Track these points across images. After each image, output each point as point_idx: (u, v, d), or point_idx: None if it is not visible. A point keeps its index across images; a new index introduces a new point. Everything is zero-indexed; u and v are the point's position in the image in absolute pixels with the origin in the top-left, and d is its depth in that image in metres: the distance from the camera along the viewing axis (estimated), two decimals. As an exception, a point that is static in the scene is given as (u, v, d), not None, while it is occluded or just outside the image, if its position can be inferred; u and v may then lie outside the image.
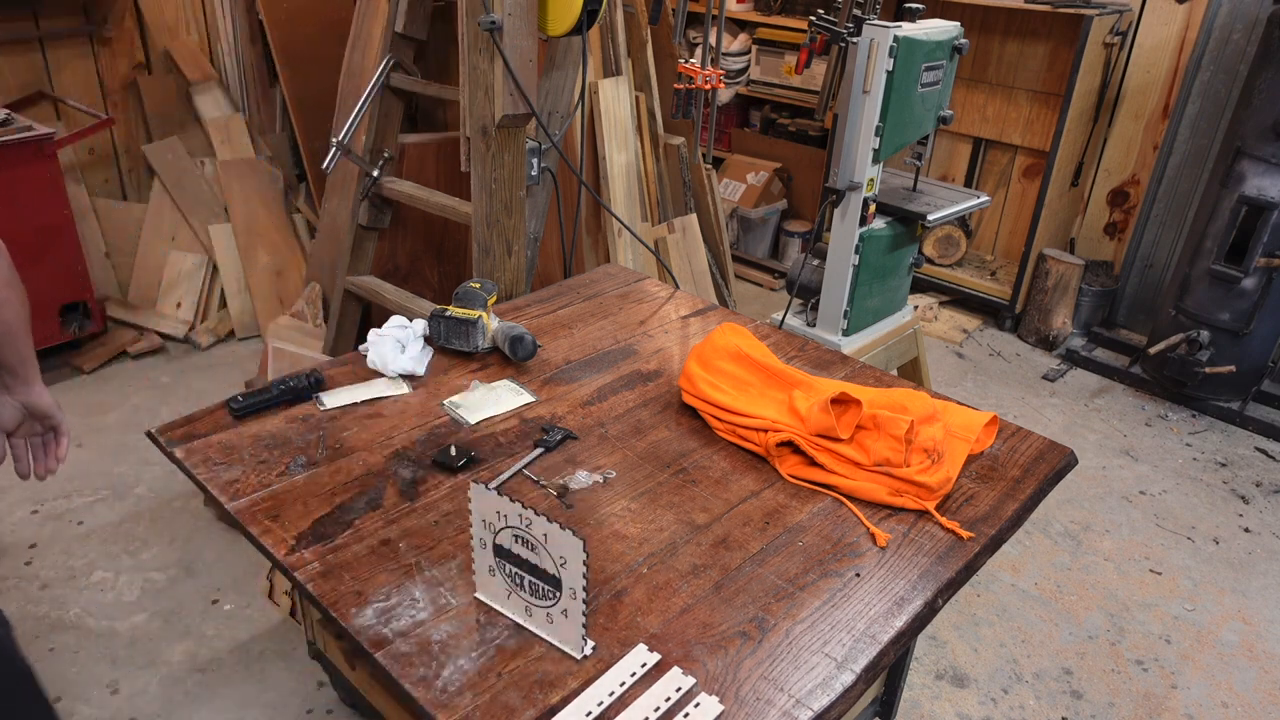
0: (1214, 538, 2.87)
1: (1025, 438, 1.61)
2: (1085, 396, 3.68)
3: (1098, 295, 4.09)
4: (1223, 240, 3.34)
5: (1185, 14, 3.76)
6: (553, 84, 2.54)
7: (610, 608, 1.17)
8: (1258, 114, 3.21)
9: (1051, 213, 4.01)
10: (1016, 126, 4.25)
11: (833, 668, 1.10)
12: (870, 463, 1.42)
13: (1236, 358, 3.41)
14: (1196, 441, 3.41)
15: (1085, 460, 3.22)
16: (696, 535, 1.32)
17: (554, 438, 1.51)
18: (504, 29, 2.06)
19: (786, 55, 4.66)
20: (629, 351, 1.83)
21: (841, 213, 2.60)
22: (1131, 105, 3.99)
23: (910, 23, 2.46)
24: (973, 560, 1.30)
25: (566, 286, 2.13)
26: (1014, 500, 1.43)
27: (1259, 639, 2.48)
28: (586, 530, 1.31)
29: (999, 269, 4.42)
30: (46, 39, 3.41)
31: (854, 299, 2.68)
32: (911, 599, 1.22)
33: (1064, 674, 2.32)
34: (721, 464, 1.49)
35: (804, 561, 1.28)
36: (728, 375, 1.62)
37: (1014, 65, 4.16)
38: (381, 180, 2.67)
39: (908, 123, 2.51)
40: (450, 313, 1.74)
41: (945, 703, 2.22)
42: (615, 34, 3.05)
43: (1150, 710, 2.24)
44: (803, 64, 3.16)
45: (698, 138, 3.43)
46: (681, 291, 2.15)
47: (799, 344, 1.90)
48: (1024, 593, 2.59)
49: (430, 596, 1.17)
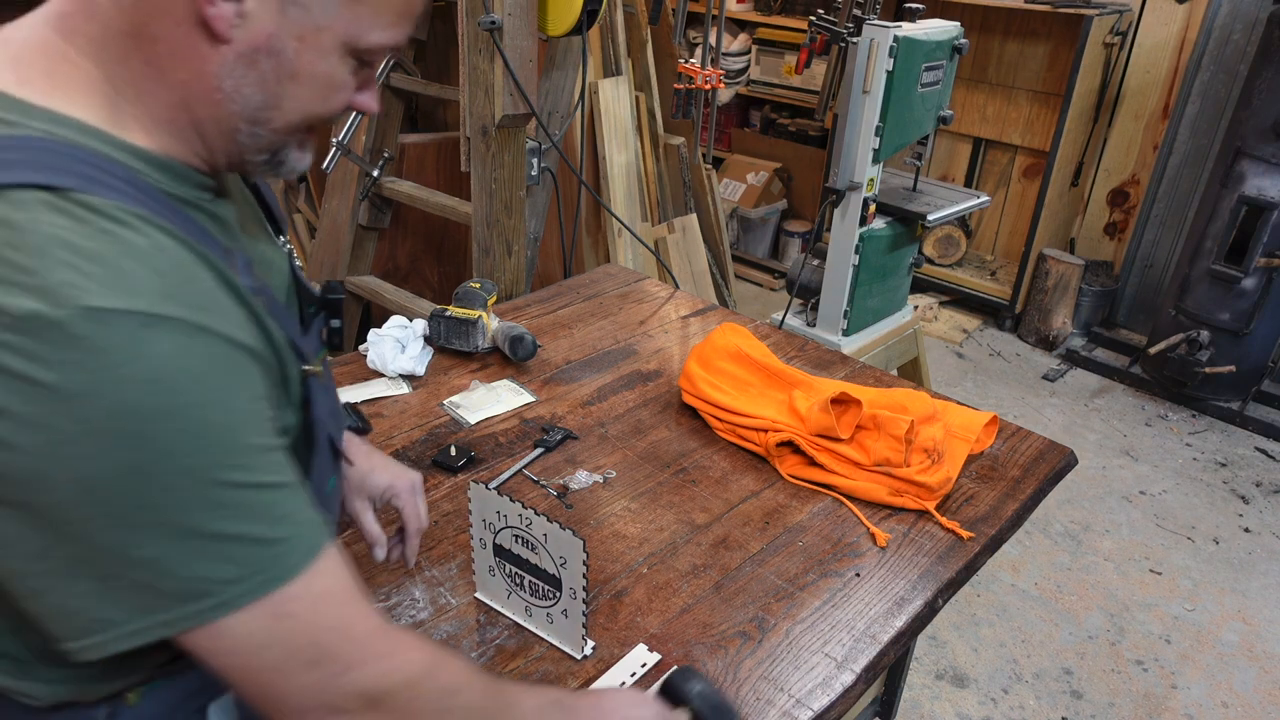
0: (1214, 538, 2.87)
1: (1025, 438, 1.61)
2: (1085, 396, 3.68)
3: (1098, 295, 4.09)
4: (1223, 240, 3.34)
5: (1185, 14, 3.76)
6: (553, 84, 2.54)
7: (610, 608, 1.17)
8: (1257, 114, 3.21)
9: (1051, 213, 4.01)
10: (1016, 126, 4.25)
11: (833, 668, 1.10)
12: (870, 463, 1.42)
13: (1236, 358, 3.41)
14: (1196, 441, 3.41)
15: (1085, 460, 3.22)
16: (696, 535, 1.32)
17: (554, 438, 1.51)
18: (504, 29, 2.06)
19: (786, 55, 4.66)
20: (629, 351, 1.83)
21: (841, 213, 2.60)
22: (1131, 105, 3.99)
23: (910, 23, 2.46)
24: (973, 560, 1.30)
25: (566, 286, 2.13)
26: (1014, 500, 1.43)
27: (1259, 639, 2.48)
28: (586, 530, 1.31)
29: (999, 269, 4.42)
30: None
31: (854, 299, 2.68)
32: (911, 599, 1.22)
33: (1064, 674, 2.32)
34: (721, 464, 1.49)
35: (804, 561, 1.28)
36: (728, 375, 1.62)
37: (1014, 65, 4.16)
38: (381, 180, 2.67)
39: (908, 123, 2.51)
40: (450, 313, 1.74)
41: (945, 703, 2.22)
42: (615, 34, 3.05)
43: (1150, 710, 2.24)
44: (803, 64, 3.16)
45: (698, 138, 3.43)
46: (681, 291, 2.15)
47: (799, 344, 1.90)
48: (1024, 593, 2.59)
49: (430, 596, 1.17)
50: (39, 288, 0.56)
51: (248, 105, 0.70)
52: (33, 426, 0.57)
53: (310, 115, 0.74)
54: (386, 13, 0.72)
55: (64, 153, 0.63)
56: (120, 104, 0.68)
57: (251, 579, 0.65)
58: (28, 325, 0.56)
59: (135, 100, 0.68)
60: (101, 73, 0.67)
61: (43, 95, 0.65)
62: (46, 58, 0.67)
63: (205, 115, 0.70)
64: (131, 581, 0.62)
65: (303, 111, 0.73)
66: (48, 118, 0.64)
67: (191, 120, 0.70)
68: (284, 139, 0.75)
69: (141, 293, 0.60)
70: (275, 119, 0.72)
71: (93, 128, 0.66)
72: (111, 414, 0.58)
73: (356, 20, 0.70)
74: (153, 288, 0.61)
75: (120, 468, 0.59)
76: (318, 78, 0.72)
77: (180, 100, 0.69)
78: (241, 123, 0.71)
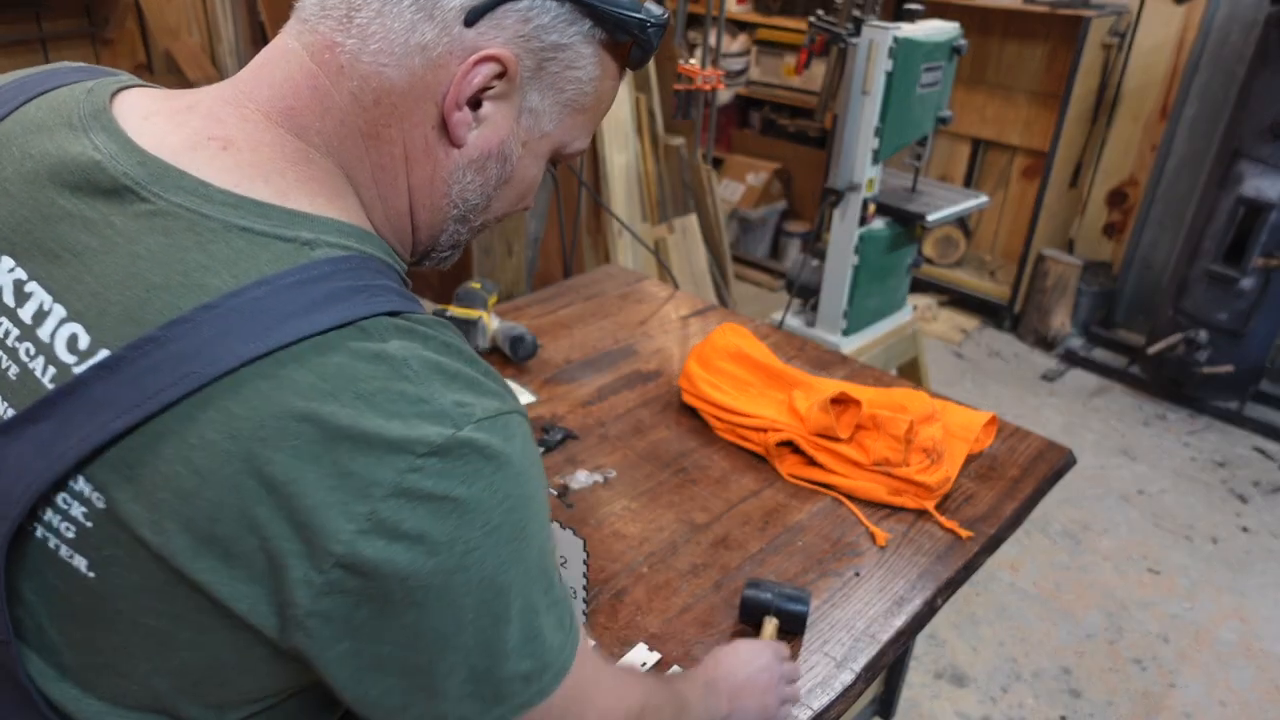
0: (1212, 537, 2.88)
1: (1024, 437, 1.61)
2: (1084, 396, 3.69)
3: (1096, 295, 4.09)
4: (1221, 241, 3.35)
5: (1183, 15, 3.76)
6: (553, 85, 2.54)
7: (610, 607, 1.18)
8: (1255, 115, 3.22)
9: (1050, 213, 4.01)
10: (1015, 127, 4.25)
11: (832, 667, 1.11)
12: (870, 462, 1.43)
13: (1235, 358, 3.41)
14: (1195, 441, 3.41)
15: (1084, 460, 3.22)
16: (696, 535, 1.32)
17: (554, 437, 1.52)
18: (504, 30, 2.06)
19: (786, 56, 4.66)
20: (629, 351, 1.84)
21: (841, 213, 2.60)
22: (1130, 106, 4.00)
23: (909, 23, 2.46)
24: (972, 560, 1.31)
25: (566, 286, 2.14)
26: (1013, 500, 1.44)
27: (1257, 638, 2.48)
28: (586, 530, 1.32)
29: (998, 269, 4.42)
30: (49, 40, 3.41)
31: (853, 299, 2.68)
32: (911, 598, 1.22)
33: (1063, 673, 2.33)
34: (721, 464, 1.49)
35: (803, 561, 1.28)
36: (728, 375, 1.63)
37: (1013, 66, 4.17)
38: (382, 181, 2.67)
39: (907, 123, 2.52)
40: (451, 313, 1.75)
41: (945, 702, 2.23)
42: (615, 35, 3.05)
43: (1148, 709, 2.24)
44: (802, 65, 3.16)
45: (697, 138, 3.44)
46: (681, 292, 2.16)
47: (799, 344, 1.90)
48: (1023, 592, 2.60)
49: (432, 595, 1.18)
50: (439, 414, 0.57)
51: (466, 207, 0.71)
52: (448, 544, 0.57)
53: (506, 214, 0.75)
54: (595, 122, 0.74)
55: (373, 269, 0.63)
56: (366, 206, 0.68)
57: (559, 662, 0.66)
58: (443, 450, 0.56)
59: (374, 203, 0.68)
60: (344, 175, 0.66)
61: (309, 204, 0.63)
62: (293, 162, 0.63)
63: (425, 218, 0.71)
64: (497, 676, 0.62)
65: (503, 211, 0.75)
66: (335, 229, 0.62)
67: (413, 222, 0.71)
68: (475, 236, 0.76)
69: (494, 396, 0.61)
70: (481, 219, 0.74)
71: (367, 233, 0.66)
72: (502, 510, 0.59)
73: (574, 128, 0.72)
74: (496, 390, 0.62)
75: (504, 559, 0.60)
76: (526, 180, 0.73)
77: (406, 204, 0.69)
78: (452, 223, 0.72)
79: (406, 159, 0.67)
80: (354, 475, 0.55)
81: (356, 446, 0.55)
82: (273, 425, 0.54)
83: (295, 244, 0.59)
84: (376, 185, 0.67)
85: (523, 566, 0.61)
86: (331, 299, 0.58)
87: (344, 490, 0.55)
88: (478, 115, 0.66)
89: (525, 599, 0.62)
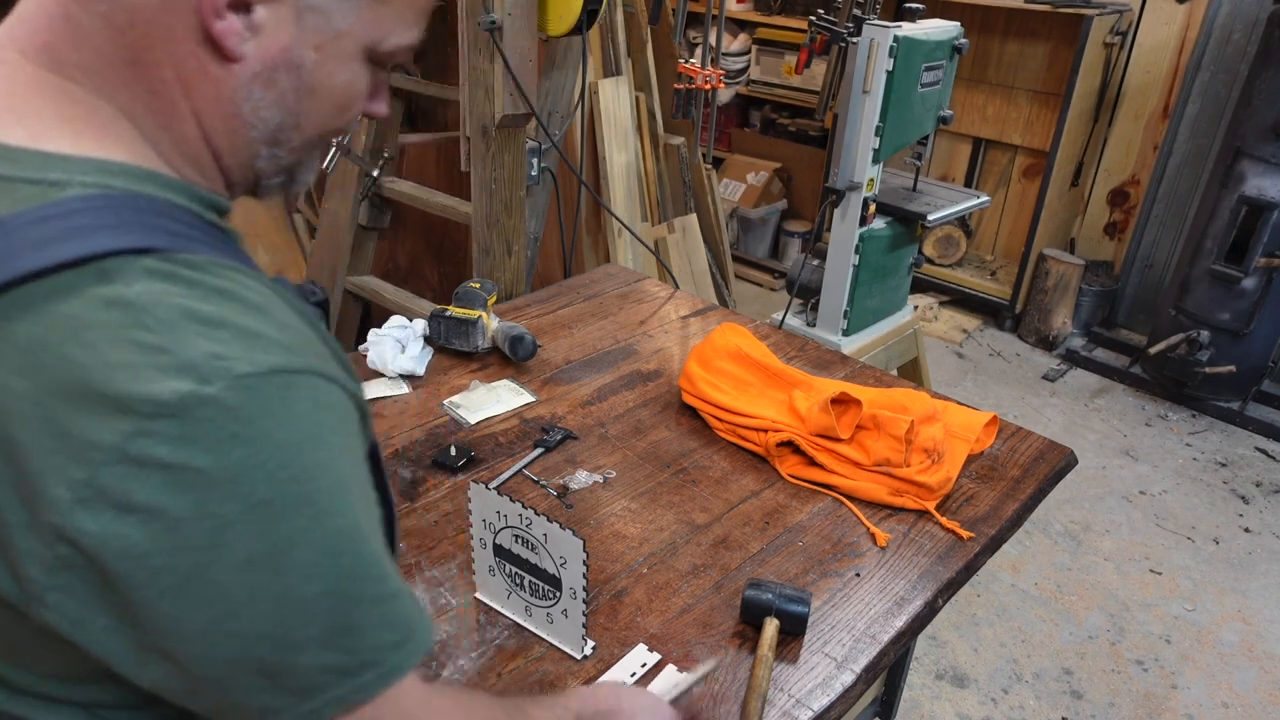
0: (1214, 538, 2.87)
1: (1025, 438, 1.61)
2: (1085, 396, 3.68)
3: (1098, 295, 4.09)
4: (1223, 240, 3.34)
5: (1185, 14, 3.76)
6: (553, 84, 2.54)
7: (610, 608, 1.17)
8: (1257, 114, 3.21)
9: (1051, 213, 4.01)
10: (1016, 126, 4.25)
11: (833, 668, 1.10)
12: (870, 463, 1.42)
13: (1236, 358, 3.41)
14: (1196, 441, 3.41)
15: (1085, 460, 3.22)
16: (696, 535, 1.32)
17: (554, 438, 1.51)
18: (504, 29, 2.06)
19: (786, 55, 4.66)
20: (629, 351, 1.83)
21: (841, 213, 2.60)
22: (1131, 105, 3.99)
23: (910, 23, 2.46)
24: (973, 560, 1.30)
25: (566, 286, 2.13)
26: (1014, 500, 1.43)
27: (1259, 639, 2.48)
28: (586, 530, 1.31)
29: (999, 269, 4.42)
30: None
31: (854, 299, 2.68)
32: (911, 599, 1.22)
33: (1064, 674, 2.32)
34: (721, 464, 1.49)
35: (804, 561, 1.28)
36: (728, 375, 1.62)
37: (1014, 65, 4.16)
38: (381, 180, 2.67)
39: (908, 123, 2.51)
40: (450, 313, 1.74)
41: (945, 703, 2.22)
42: (615, 34, 3.05)
43: (1150, 710, 2.24)
44: (803, 64, 3.16)
45: (698, 138, 3.43)
46: (681, 291, 2.15)
47: (799, 344, 1.90)
48: (1024, 593, 2.59)
49: (430, 596, 1.17)
50: (182, 366, 0.52)
51: (267, 128, 0.65)
52: (193, 519, 0.52)
53: (329, 129, 0.69)
54: (409, 11, 0.66)
55: (135, 207, 0.57)
56: (149, 139, 0.62)
57: (411, 643, 0.62)
58: (179, 409, 0.51)
59: (157, 134, 0.62)
60: (113, 108, 0.60)
61: (71, 144, 0.58)
62: (51, 99, 0.59)
63: (224, 144, 0.64)
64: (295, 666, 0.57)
65: (322, 126, 0.68)
66: (95, 168, 0.57)
67: (211, 150, 0.64)
68: (301, 157, 0.70)
69: (275, 350, 0.56)
70: (295, 138, 0.67)
71: (144, 170, 0.60)
72: (273, 482, 0.54)
73: (378, 22, 0.65)
74: (282, 342, 0.57)
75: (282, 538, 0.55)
76: (337, 89, 0.66)
77: (196, 132, 0.63)
78: (261, 147, 0.66)
79: (181, 82, 0.60)
80: (71, 437, 0.50)
81: (76, 406, 0.50)
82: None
83: (43, 185, 0.55)
84: (154, 115, 0.61)
85: (316, 548, 0.56)
86: (66, 236, 0.53)
87: (63, 454, 0.51)
88: (250, 23, 0.59)
89: (327, 585, 0.56)
